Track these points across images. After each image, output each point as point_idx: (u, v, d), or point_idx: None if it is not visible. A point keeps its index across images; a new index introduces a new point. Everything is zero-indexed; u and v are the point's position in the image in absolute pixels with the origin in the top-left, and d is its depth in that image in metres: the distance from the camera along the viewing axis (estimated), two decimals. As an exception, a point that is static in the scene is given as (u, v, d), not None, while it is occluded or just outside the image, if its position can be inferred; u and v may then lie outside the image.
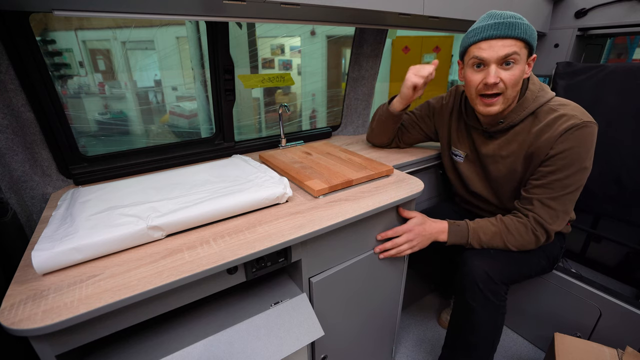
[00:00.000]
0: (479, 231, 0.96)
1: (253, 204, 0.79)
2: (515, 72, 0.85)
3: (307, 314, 0.79)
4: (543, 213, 0.91)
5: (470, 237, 0.96)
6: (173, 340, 0.69)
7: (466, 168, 1.13)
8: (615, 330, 1.12)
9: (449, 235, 0.96)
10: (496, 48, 0.83)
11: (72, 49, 2.06)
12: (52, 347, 0.52)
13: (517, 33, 0.82)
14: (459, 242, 0.97)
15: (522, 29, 0.82)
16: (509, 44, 0.82)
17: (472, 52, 0.88)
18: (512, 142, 0.97)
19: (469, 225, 0.97)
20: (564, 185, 0.89)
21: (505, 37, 0.82)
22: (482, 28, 0.85)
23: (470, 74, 0.91)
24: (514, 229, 0.94)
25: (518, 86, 0.89)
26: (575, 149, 0.85)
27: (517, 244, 0.95)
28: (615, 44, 3.37)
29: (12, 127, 0.83)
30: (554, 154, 0.87)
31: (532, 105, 0.92)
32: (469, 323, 0.96)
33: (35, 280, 0.57)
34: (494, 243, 0.95)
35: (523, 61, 0.86)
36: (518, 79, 0.86)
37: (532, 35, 0.84)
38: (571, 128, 0.84)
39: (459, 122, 1.13)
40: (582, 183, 0.90)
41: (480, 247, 0.96)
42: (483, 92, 0.89)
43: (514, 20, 0.82)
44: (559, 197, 0.90)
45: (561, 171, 0.87)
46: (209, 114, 2.40)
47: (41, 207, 0.92)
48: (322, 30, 3.61)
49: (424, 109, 1.25)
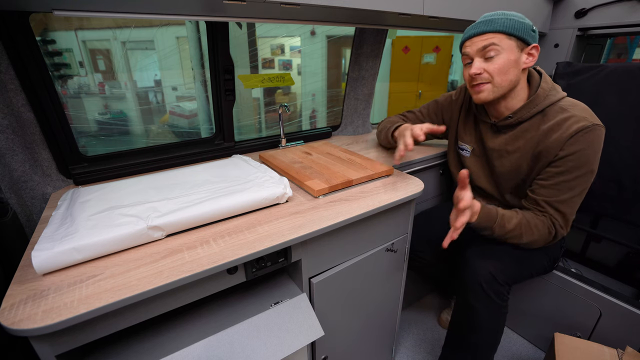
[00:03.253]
0: (505, 219, 0.94)
1: (253, 204, 0.79)
2: (499, 61, 0.88)
3: (307, 314, 0.79)
4: (557, 218, 0.92)
5: (497, 222, 0.93)
6: (173, 340, 0.69)
7: (472, 162, 1.13)
8: (615, 330, 1.12)
9: (479, 215, 0.93)
10: (476, 43, 0.91)
11: (72, 49, 2.06)
12: (52, 347, 0.52)
13: (494, 27, 0.87)
14: (483, 225, 0.94)
15: (500, 22, 0.87)
16: (486, 38, 0.89)
17: (462, 51, 0.97)
18: (520, 138, 0.97)
19: (497, 211, 0.95)
20: (570, 187, 0.89)
21: (483, 32, 0.89)
22: (468, 29, 0.94)
23: (464, 70, 0.98)
24: (533, 224, 0.94)
25: (508, 74, 0.90)
26: (585, 151, 0.85)
27: (532, 239, 0.95)
28: (615, 44, 3.37)
29: (12, 127, 0.83)
30: (563, 155, 0.87)
31: (542, 103, 0.93)
32: (470, 323, 0.96)
33: (35, 280, 0.57)
34: (514, 234, 0.94)
35: (508, 51, 0.88)
36: (503, 67, 0.89)
37: (514, 26, 0.87)
38: (582, 130, 0.84)
39: (467, 117, 1.15)
40: (587, 186, 0.90)
41: (500, 235, 0.95)
42: (472, 83, 0.95)
43: (493, 17, 0.89)
44: (567, 201, 0.90)
45: (570, 173, 0.88)
46: (209, 114, 2.41)
47: (41, 207, 0.92)
48: (322, 30, 3.61)
49: (432, 107, 1.27)
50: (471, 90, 0.97)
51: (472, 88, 0.96)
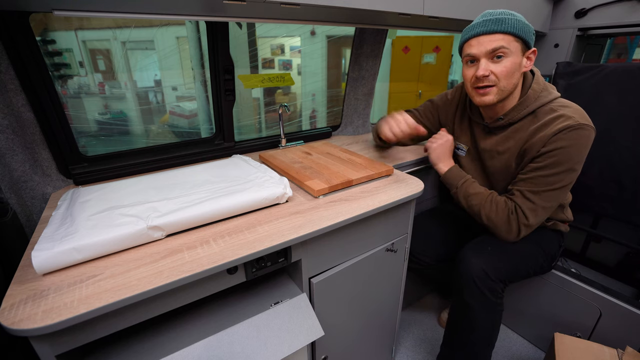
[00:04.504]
0: (471, 185, 1.02)
1: (253, 204, 0.79)
2: (506, 64, 0.87)
3: (307, 314, 0.79)
4: (522, 204, 0.92)
5: (464, 182, 1.02)
6: (173, 340, 0.69)
7: (467, 162, 1.14)
8: (615, 330, 1.12)
9: (448, 169, 1.05)
10: (484, 43, 0.87)
11: (72, 49, 2.06)
12: (52, 347, 0.52)
13: (504, 28, 0.84)
14: (450, 181, 1.05)
15: (510, 23, 0.84)
16: (496, 39, 0.85)
17: (465, 50, 0.93)
18: (510, 139, 0.97)
19: (468, 176, 1.04)
20: (547, 182, 0.89)
21: (492, 32, 0.85)
22: (472, 27, 0.90)
23: (465, 69, 0.95)
24: (495, 201, 0.97)
25: (513, 78, 0.89)
26: (567, 148, 0.85)
27: (490, 217, 0.97)
28: (615, 44, 3.37)
29: (12, 127, 0.83)
30: (545, 152, 0.88)
31: (533, 105, 0.92)
32: (466, 321, 0.96)
33: (35, 280, 0.57)
34: (473, 201, 1.00)
35: (515, 54, 0.86)
36: (510, 70, 0.88)
37: (522, 29, 0.85)
38: (566, 128, 0.84)
39: (462, 117, 1.15)
40: (566, 183, 0.90)
41: (463, 197, 1.03)
42: (476, 85, 0.93)
43: (502, 16, 0.85)
44: (541, 192, 0.90)
45: (548, 168, 0.88)
46: (209, 114, 2.41)
47: (41, 207, 0.92)
48: (322, 30, 3.61)
49: (428, 107, 1.26)
50: (473, 92, 0.95)
51: (476, 90, 0.94)
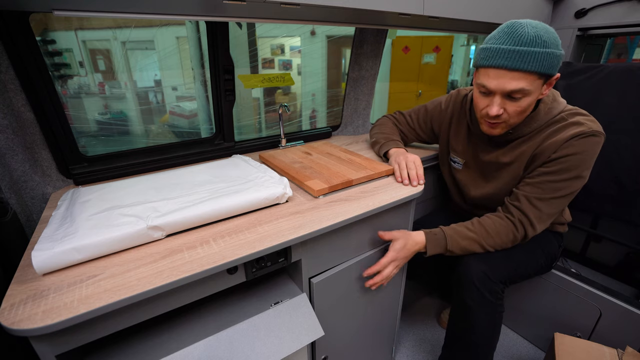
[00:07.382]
0: (456, 237, 0.92)
1: (253, 204, 0.79)
2: (522, 104, 0.82)
3: (307, 314, 0.79)
4: (529, 212, 0.90)
5: (448, 244, 0.92)
6: (173, 340, 0.69)
7: (464, 175, 1.11)
8: (615, 330, 1.12)
9: (427, 245, 0.92)
10: (504, 80, 0.78)
11: (72, 49, 2.06)
12: (52, 347, 0.52)
13: (531, 67, 0.74)
14: (438, 252, 0.93)
15: (539, 59, 0.74)
16: (519, 77, 0.76)
17: (481, 76, 0.83)
18: (516, 149, 0.95)
19: (445, 233, 0.93)
20: (554, 188, 0.88)
21: (516, 69, 0.75)
22: (495, 52, 0.77)
23: (477, 96, 0.89)
24: (493, 231, 0.92)
25: (524, 114, 0.87)
26: (578, 155, 0.84)
27: (496, 245, 0.93)
28: (615, 44, 3.37)
29: (12, 127, 0.83)
30: (556, 157, 0.86)
31: (543, 118, 0.90)
32: (467, 323, 0.96)
33: (35, 280, 0.57)
34: (472, 248, 0.93)
35: (535, 92, 0.80)
36: (525, 109, 0.84)
37: (550, 64, 0.75)
38: (579, 135, 0.83)
39: (459, 128, 1.11)
40: (573, 190, 0.88)
41: (461, 253, 0.94)
42: (486, 118, 0.89)
43: (531, 49, 0.73)
44: (548, 200, 0.89)
45: (557, 174, 0.87)
46: (209, 114, 2.41)
47: (41, 207, 0.92)
48: (322, 30, 3.61)
49: (422, 115, 1.23)
50: (482, 120, 0.92)
51: (484, 121, 0.91)
